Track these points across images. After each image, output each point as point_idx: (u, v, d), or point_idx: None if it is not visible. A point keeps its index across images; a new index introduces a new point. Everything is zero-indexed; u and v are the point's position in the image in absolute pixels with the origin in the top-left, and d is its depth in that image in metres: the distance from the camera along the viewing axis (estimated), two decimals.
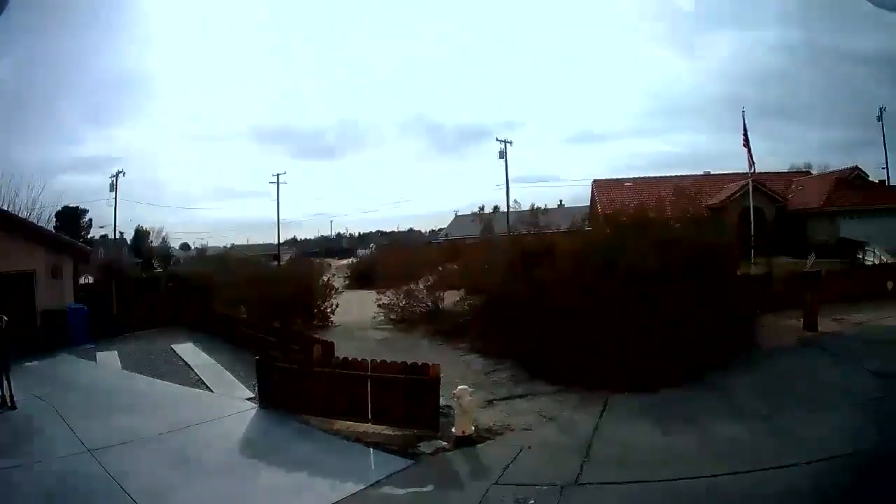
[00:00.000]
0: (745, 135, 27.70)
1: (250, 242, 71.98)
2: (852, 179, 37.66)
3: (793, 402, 12.29)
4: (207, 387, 15.80)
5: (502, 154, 54.69)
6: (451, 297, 21.84)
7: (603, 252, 15.78)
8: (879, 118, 52.78)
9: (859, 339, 17.13)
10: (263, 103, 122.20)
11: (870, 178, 39.85)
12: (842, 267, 26.03)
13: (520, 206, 53.01)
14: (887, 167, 52.32)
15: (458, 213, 63.33)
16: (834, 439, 10.01)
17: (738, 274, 18.50)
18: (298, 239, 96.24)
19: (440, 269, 25.73)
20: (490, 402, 13.27)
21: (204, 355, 19.23)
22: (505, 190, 55.12)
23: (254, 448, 11.43)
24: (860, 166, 38.75)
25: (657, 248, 15.31)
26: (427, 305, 22.16)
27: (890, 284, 23.25)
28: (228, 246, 64.54)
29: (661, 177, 42.29)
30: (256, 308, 23.04)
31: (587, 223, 26.26)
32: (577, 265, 15.71)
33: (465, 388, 11.30)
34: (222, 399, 14.63)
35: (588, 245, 17.01)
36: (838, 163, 40.68)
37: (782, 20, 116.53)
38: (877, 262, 27.09)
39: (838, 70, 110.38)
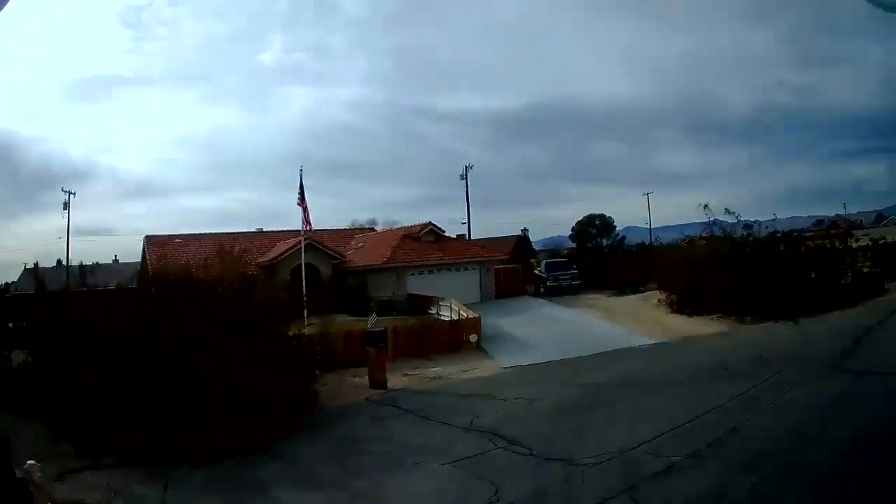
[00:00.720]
0: (301, 193, 27.18)
1: None
2: (425, 235, 38.90)
3: (369, 465, 11.76)
4: None
5: (66, 205, 52.23)
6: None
7: (142, 317, 14.95)
8: (463, 176, 57.28)
9: (438, 394, 17.36)
10: None
11: (445, 234, 41.70)
12: (413, 323, 26.19)
13: (70, 262, 49.09)
14: (469, 222, 57.36)
15: (27, 266, 56.11)
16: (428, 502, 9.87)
17: (295, 333, 17.68)
18: None
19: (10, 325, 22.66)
20: (61, 476, 11.79)
21: None
22: (66, 243, 52.43)
23: None
24: (434, 222, 40.61)
25: (200, 309, 14.82)
26: None
27: (474, 337, 23.97)
28: None
29: (214, 234, 40.86)
30: None
31: (135, 281, 25.27)
32: (118, 329, 14.71)
33: (33, 462, 9.68)
34: None
35: (132, 307, 15.98)
36: (417, 218, 42.77)
37: (367, 79, 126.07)
38: (454, 316, 27.27)
39: (423, 129, 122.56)
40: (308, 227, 28.42)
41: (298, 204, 27.35)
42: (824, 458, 9.37)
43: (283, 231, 40.65)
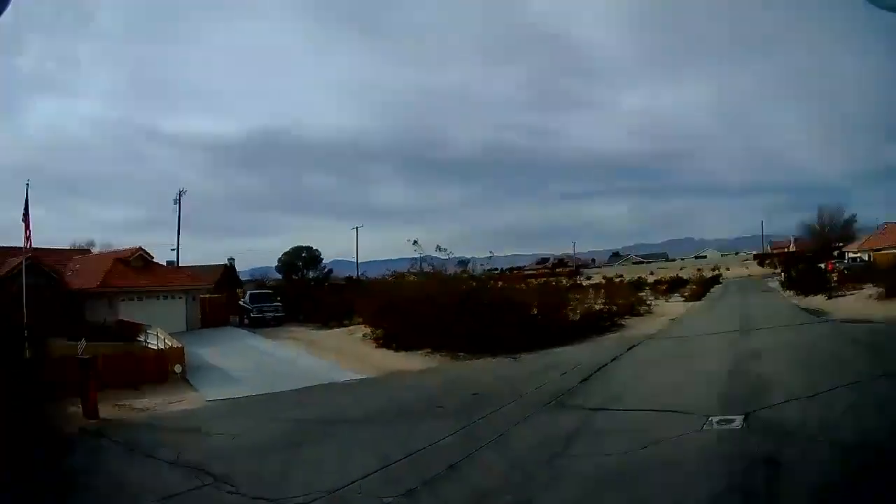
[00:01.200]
0: (26, 208, 26.21)
1: None
2: (135, 260, 38.68)
3: (82, 502, 11.23)
4: None
5: None
6: None
7: None
8: (176, 201, 55.90)
9: (145, 426, 17.00)
10: None
11: (154, 260, 41.35)
12: (123, 350, 26.08)
13: None
14: (178, 249, 56.66)
15: None
16: None
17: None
18: None
19: None
20: None
21: None
22: None
23: None
24: (145, 248, 40.85)
25: None
26: None
27: (179, 368, 24.06)
28: None
29: None
30: None
31: None
32: None
33: None
34: None
35: None
36: (137, 242, 41.88)
37: (106, 95, 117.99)
38: (161, 345, 27.50)
39: (151, 150, 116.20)
40: (29, 246, 27.57)
41: (23, 220, 26.70)
42: (560, 498, 8.86)
43: (12, 247, 37.29)
